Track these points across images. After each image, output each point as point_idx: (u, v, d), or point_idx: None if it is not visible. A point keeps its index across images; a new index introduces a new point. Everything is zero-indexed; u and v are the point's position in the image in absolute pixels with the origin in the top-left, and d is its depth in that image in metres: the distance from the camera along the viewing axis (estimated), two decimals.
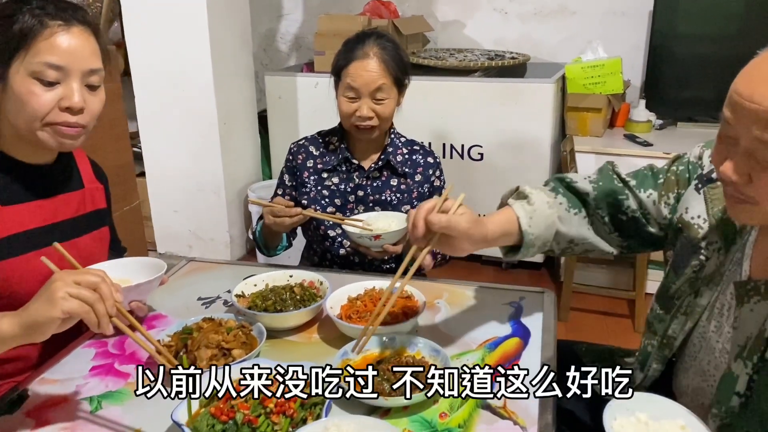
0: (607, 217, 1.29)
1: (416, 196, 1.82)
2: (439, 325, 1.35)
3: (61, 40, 1.18)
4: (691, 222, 1.17)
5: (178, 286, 1.55)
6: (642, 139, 3.08)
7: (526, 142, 3.11)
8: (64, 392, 1.14)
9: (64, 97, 1.19)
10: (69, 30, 1.19)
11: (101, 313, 0.99)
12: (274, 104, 3.53)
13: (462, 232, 1.13)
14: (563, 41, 3.60)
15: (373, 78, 1.67)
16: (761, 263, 1.06)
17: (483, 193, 3.25)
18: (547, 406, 1.07)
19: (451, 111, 3.20)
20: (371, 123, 1.70)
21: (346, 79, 1.70)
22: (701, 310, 1.15)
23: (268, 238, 1.80)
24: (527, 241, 1.22)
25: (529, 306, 1.41)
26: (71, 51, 1.19)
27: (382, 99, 1.69)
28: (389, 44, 1.73)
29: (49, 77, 1.18)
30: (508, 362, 1.21)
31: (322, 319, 1.37)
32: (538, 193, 1.27)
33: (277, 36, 4.25)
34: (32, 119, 1.20)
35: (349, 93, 1.70)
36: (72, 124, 1.22)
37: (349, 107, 1.70)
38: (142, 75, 3.29)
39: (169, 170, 3.44)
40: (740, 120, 0.90)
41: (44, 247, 1.31)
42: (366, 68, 1.67)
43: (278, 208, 1.61)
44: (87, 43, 1.22)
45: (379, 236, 1.55)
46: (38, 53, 1.17)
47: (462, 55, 3.56)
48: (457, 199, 1.17)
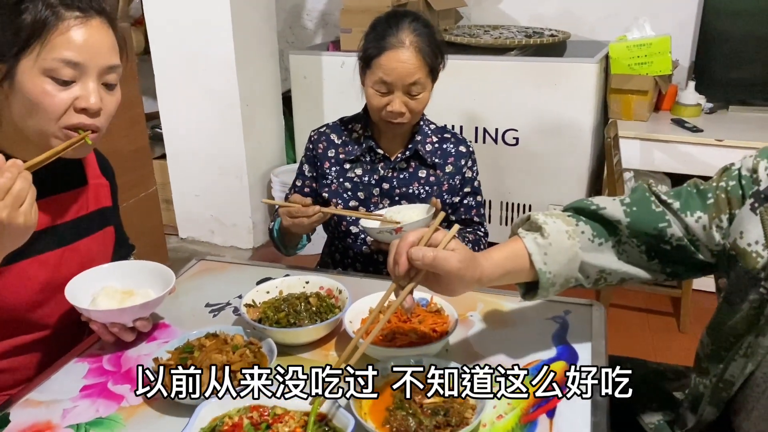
0: (643, 246, 1.07)
1: (446, 188, 1.66)
2: (473, 344, 1.19)
3: (78, 33, 1.05)
4: (747, 249, 0.96)
5: (186, 290, 1.41)
6: (691, 124, 2.86)
7: (565, 127, 2.91)
8: (48, 418, 1.02)
9: (80, 97, 1.07)
10: (87, 22, 1.07)
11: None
12: (299, 84, 3.38)
13: (450, 271, 0.93)
14: (607, 17, 3.37)
15: (409, 71, 1.50)
16: None
17: (518, 180, 3.09)
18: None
19: (485, 92, 3.01)
20: (403, 119, 1.54)
21: (377, 72, 1.52)
22: (765, 352, 0.97)
23: (286, 238, 1.65)
24: (544, 281, 1.02)
25: (576, 321, 1.25)
26: (89, 46, 1.06)
27: (417, 93, 1.52)
28: (425, 29, 1.54)
29: (64, 75, 1.05)
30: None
31: (341, 333, 1.22)
32: (554, 222, 1.06)
33: (303, 12, 4.08)
34: (46, 122, 1.08)
35: (381, 88, 1.53)
36: (88, 126, 1.09)
37: (380, 101, 1.54)
38: (162, 54, 3.18)
39: (190, 153, 3.34)
40: None
41: (39, 254, 1.19)
42: (400, 59, 1.49)
43: (295, 209, 1.45)
44: (106, 36, 1.10)
45: (400, 229, 1.40)
46: (53, 49, 1.04)
47: (497, 32, 3.36)
48: (450, 232, 0.98)
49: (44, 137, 1.10)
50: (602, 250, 1.07)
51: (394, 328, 1.16)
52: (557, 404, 1.02)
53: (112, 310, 1.15)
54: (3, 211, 0.93)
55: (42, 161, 1.03)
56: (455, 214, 1.70)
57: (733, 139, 2.69)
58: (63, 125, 1.08)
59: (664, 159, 2.81)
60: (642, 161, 2.85)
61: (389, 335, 1.14)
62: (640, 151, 2.83)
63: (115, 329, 1.17)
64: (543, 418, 0.99)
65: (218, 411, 0.96)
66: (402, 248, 0.95)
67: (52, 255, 1.21)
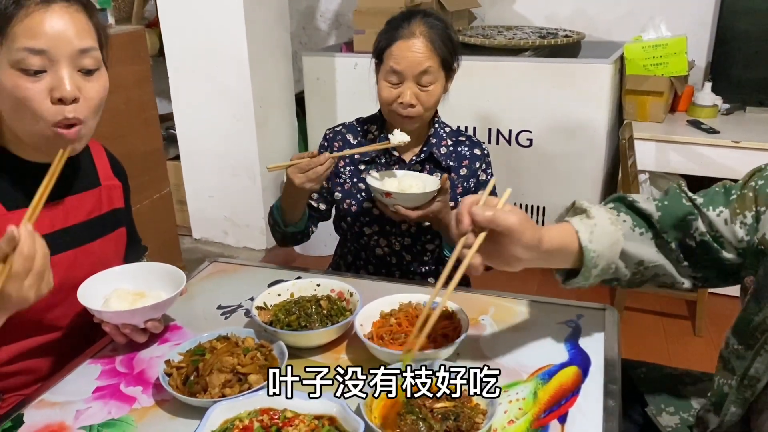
0: (674, 242, 1.08)
1: (461, 191, 1.65)
2: (483, 348, 1.18)
3: (39, 20, 1.02)
4: None
5: (198, 292, 1.42)
6: (707, 125, 2.83)
7: (579, 128, 2.89)
8: (61, 419, 1.02)
9: (53, 87, 1.03)
10: (49, 7, 1.03)
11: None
12: (312, 85, 3.39)
13: (511, 227, 0.95)
14: (621, 17, 3.34)
15: (419, 59, 1.49)
16: None
17: (532, 182, 3.07)
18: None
19: (499, 93, 3.00)
20: (413, 112, 1.53)
21: (388, 62, 1.52)
22: None
23: (288, 210, 1.60)
24: (588, 259, 1.02)
25: (588, 325, 1.23)
26: (53, 32, 1.02)
27: (428, 84, 1.51)
28: (438, 23, 1.54)
29: (32, 65, 1.02)
30: (566, 398, 1.04)
31: (351, 336, 1.21)
32: (598, 209, 1.07)
33: (316, 14, 4.09)
34: (31, 120, 1.05)
35: (392, 77, 1.52)
36: (71, 121, 1.06)
37: (390, 93, 1.53)
38: (177, 55, 3.20)
39: (203, 154, 3.36)
40: None
41: (54, 255, 1.18)
42: (411, 48, 1.49)
43: (305, 162, 1.43)
44: (72, 20, 1.05)
45: (390, 194, 1.41)
46: (16, 38, 1.01)
47: (511, 32, 3.35)
48: (503, 195, 1.01)
49: (35, 137, 1.08)
50: (642, 240, 1.08)
51: (405, 330, 1.15)
52: (569, 409, 1.01)
53: (123, 311, 1.15)
54: (30, 291, 0.91)
55: (40, 199, 0.98)
56: None
57: (750, 140, 2.65)
58: (50, 123, 1.05)
59: (679, 161, 2.79)
60: (657, 163, 2.82)
61: (400, 338, 1.13)
62: (656, 153, 2.80)
63: (127, 330, 1.17)
64: (554, 424, 0.98)
65: (229, 413, 0.97)
66: (464, 208, 0.97)
67: (65, 256, 1.22)
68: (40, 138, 1.08)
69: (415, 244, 1.67)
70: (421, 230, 1.65)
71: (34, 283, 0.92)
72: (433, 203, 1.44)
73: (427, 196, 1.43)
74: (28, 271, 0.91)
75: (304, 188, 1.46)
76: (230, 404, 0.98)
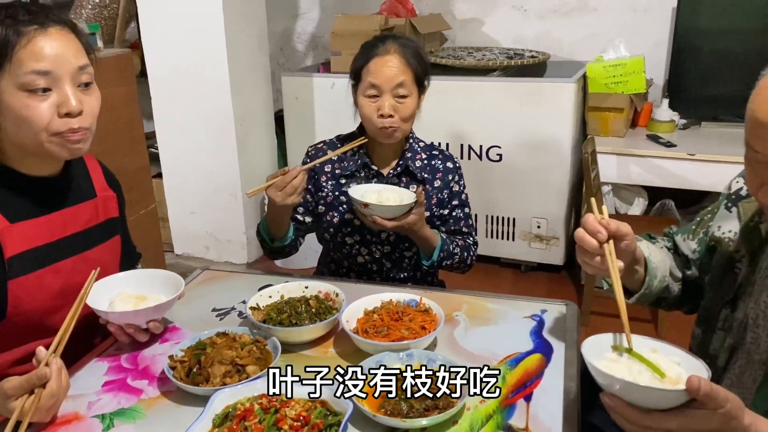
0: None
1: (435, 202, 1.78)
2: (458, 339, 1.31)
3: (41, 44, 1.13)
4: (722, 237, 1.18)
5: (193, 297, 1.52)
6: (665, 139, 3.01)
7: (546, 143, 3.06)
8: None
9: (60, 103, 1.15)
10: (46, 32, 1.14)
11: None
12: (291, 105, 3.51)
13: (629, 233, 1.10)
14: (584, 39, 3.54)
15: (395, 73, 1.63)
16: None
17: (502, 195, 3.22)
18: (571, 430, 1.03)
19: (470, 111, 3.15)
20: (392, 122, 1.66)
21: (367, 78, 1.65)
22: (738, 324, 1.11)
23: (273, 228, 1.70)
24: (651, 268, 1.19)
25: (552, 319, 1.37)
26: (55, 53, 1.14)
27: (404, 96, 1.65)
28: (410, 42, 1.70)
29: (39, 86, 1.13)
30: (530, 380, 1.17)
31: (338, 332, 1.33)
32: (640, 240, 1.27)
33: (293, 36, 4.23)
34: (37, 132, 1.16)
35: (371, 91, 1.65)
36: (77, 130, 1.18)
37: (371, 108, 1.66)
38: (159, 76, 3.30)
39: (185, 171, 3.44)
40: None
41: (53, 263, 1.29)
42: (387, 64, 1.64)
43: (279, 180, 1.54)
44: (68, 41, 1.17)
45: (368, 205, 1.53)
46: (21, 64, 1.12)
47: (480, 53, 3.51)
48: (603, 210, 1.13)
49: (39, 146, 1.19)
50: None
51: (388, 324, 1.27)
52: (533, 390, 1.14)
53: (128, 312, 1.26)
54: (47, 415, 1.07)
55: (63, 336, 1.12)
56: (445, 225, 1.81)
57: (704, 153, 2.82)
58: (52, 132, 1.16)
59: (640, 173, 2.95)
60: (619, 175, 2.99)
61: (383, 330, 1.25)
62: (617, 166, 2.96)
63: (131, 330, 1.27)
64: (521, 403, 1.11)
65: (230, 400, 1.08)
66: (596, 224, 1.08)
67: (65, 263, 1.31)
68: (51, 146, 1.18)
69: (394, 251, 1.78)
70: (400, 239, 1.76)
71: (52, 407, 1.07)
72: (409, 215, 1.57)
73: (403, 208, 1.55)
74: (53, 403, 1.06)
75: (285, 204, 1.56)
76: (231, 392, 1.09)
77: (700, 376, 0.86)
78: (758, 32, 3.03)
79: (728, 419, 0.87)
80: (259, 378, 1.12)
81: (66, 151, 1.20)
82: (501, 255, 3.36)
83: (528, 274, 3.38)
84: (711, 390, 0.85)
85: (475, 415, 1.07)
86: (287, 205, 1.56)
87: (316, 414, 1.02)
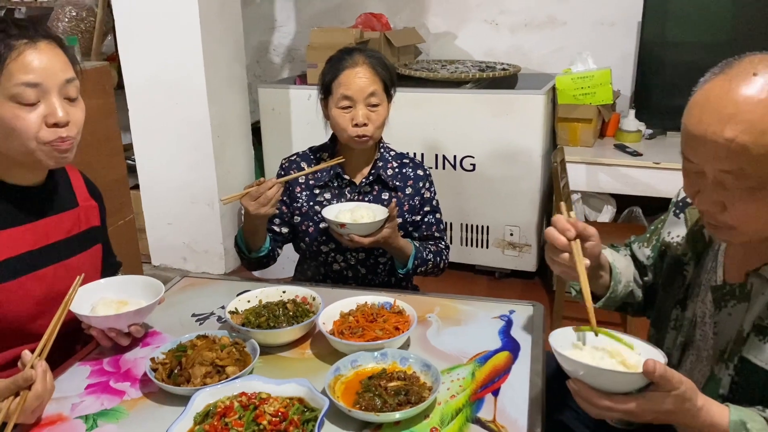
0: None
1: (407, 208, 1.84)
2: (430, 339, 1.37)
3: (31, 57, 1.18)
4: (671, 242, 1.27)
5: (173, 303, 1.56)
6: (632, 148, 3.11)
7: (517, 153, 3.14)
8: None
9: (48, 114, 1.20)
10: (36, 46, 1.20)
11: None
12: (268, 116, 3.56)
13: (594, 234, 1.16)
14: (553, 52, 3.64)
15: (366, 83, 1.70)
16: (732, 268, 1.13)
17: (476, 203, 3.29)
18: (535, 420, 1.09)
19: (443, 122, 3.23)
20: (366, 131, 1.71)
21: (338, 90, 1.71)
22: (688, 323, 1.18)
23: (249, 238, 1.75)
24: (615, 273, 1.26)
25: (519, 319, 1.43)
26: (43, 66, 1.19)
27: (376, 105, 1.71)
28: (376, 53, 1.77)
29: (28, 97, 1.18)
30: (498, 376, 1.23)
31: (315, 334, 1.38)
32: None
33: (270, 48, 4.28)
34: (26, 141, 1.20)
35: (344, 102, 1.71)
36: (65, 139, 1.23)
37: (345, 119, 1.71)
38: (136, 88, 3.32)
39: (163, 183, 3.46)
40: (701, 157, 0.96)
41: (36, 270, 1.32)
42: (357, 75, 1.70)
43: (253, 190, 1.58)
44: (56, 55, 1.23)
45: (344, 225, 1.58)
46: (12, 76, 1.17)
47: (453, 66, 3.59)
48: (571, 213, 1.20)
49: (27, 155, 1.23)
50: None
51: (363, 325, 1.32)
52: (501, 385, 1.20)
53: (110, 316, 1.29)
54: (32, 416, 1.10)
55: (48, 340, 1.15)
56: (417, 231, 1.87)
57: (669, 162, 2.92)
58: (42, 141, 1.21)
59: (608, 181, 3.05)
60: (588, 183, 3.08)
61: (358, 331, 1.31)
62: (586, 174, 3.05)
63: (113, 334, 1.31)
64: (489, 397, 1.17)
65: (211, 399, 1.12)
66: (565, 222, 1.14)
67: (48, 270, 1.35)
68: (39, 153, 1.23)
69: (369, 258, 1.84)
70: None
71: (37, 409, 1.11)
72: (383, 230, 1.63)
73: (378, 224, 1.61)
74: (38, 405, 1.09)
75: (259, 214, 1.59)
76: (211, 391, 1.13)
77: (656, 360, 0.93)
78: (721, 45, 3.15)
79: (682, 401, 0.94)
80: (239, 378, 1.17)
81: (53, 160, 1.24)
82: (476, 262, 3.43)
83: (502, 281, 3.45)
84: (666, 372, 0.92)
85: (446, 409, 1.13)
86: (261, 215, 1.60)
87: (293, 410, 1.07)
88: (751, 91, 0.91)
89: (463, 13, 3.77)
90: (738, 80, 0.93)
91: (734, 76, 0.94)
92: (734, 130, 0.91)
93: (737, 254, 1.12)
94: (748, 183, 0.93)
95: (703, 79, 1.00)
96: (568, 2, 3.57)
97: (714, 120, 0.93)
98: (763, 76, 0.92)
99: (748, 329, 1.06)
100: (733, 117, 0.91)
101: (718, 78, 0.96)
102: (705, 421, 0.97)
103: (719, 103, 0.93)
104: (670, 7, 3.24)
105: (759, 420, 0.97)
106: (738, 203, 0.96)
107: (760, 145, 0.90)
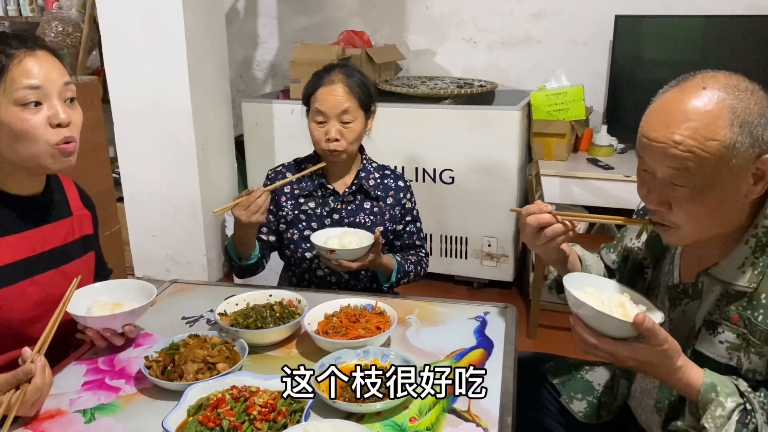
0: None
1: (388, 218, 1.93)
2: (409, 338, 1.45)
3: (31, 64, 1.27)
4: (633, 247, 1.37)
5: (163, 306, 1.63)
6: (604, 162, 3.23)
7: (494, 166, 3.24)
8: (57, 406, 1.22)
9: (50, 115, 1.28)
10: (34, 54, 1.28)
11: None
12: (251, 130, 3.63)
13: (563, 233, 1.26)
14: (528, 69, 3.76)
15: (339, 101, 1.79)
16: (686, 269, 1.23)
17: (455, 215, 3.38)
18: (507, 409, 1.18)
19: (423, 136, 3.32)
20: (338, 146, 1.81)
21: (314, 105, 1.82)
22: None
23: (240, 247, 1.82)
24: (585, 265, 1.38)
25: (494, 320, 1.52)
26: (43, 70, 1.28)
27: (349, 122, 1.81)
28: (355, 72, 1.86)
29: (31, 100, 1.26)
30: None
31: (301, 334, 1.46)
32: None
33: (253, 63, 4.36)
34: (34, 143, 1.27)
35: (318, 117, 1.81)
36: (69, 139, 1.31)
37: (319, 132, 1.82)
38: (121, 102, 3.36)
39: (147, 195, 3.50)
40: (652, 158, 1.07)
41: (33, 275, 1.39)
42: (332, 93, 1.80)
43: (243, 200, 1.66)
44: (53, 62, 1.31)
45: (333, 251, 1.66)
46: (14, 80, 1.25)
47: (432, 82, 3.69)
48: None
49: (36, 159, 1.30)
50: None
51: (346, 325, 1.40)
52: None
53: (105, 316, 1.36)
54: (31, 409, 1.16)
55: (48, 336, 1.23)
56: (399, 240, 1.96)
57: None
58: (51, 143, 1.29)
59: (581, 194, 3.16)
60: (562, 196, 3.19)
61: (342, 331, 1.38)
62: (560, 187, 3.17)
63: (108, 334, 1.37)
64: None
65: (203, 393, 1.18)
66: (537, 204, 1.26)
67: (44, 276, 1.41)
68: (45, 157, 1.30)
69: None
70: None
71: (37, 402, 1.17)
72: (369, 255, 1.71)
73: (365, 249, 1.69)
74: (38, 398, 1.16)
75: (250, 222, 1.67)
76: (203, 386, 1.20)
77: (646, 314, 1.04)
78: (689, 64, 3.21)
79: (664, 357, 1.05)
80: (229, 374, 1.24)
81: (57, 163, 1.31)
82: (455, 273, 3.52)
83: (480, 291, 3.54)
84: (653, 327, 1.03)
85: (424, 401, 1.20)
86: (252, 223, 1.68)
87: (281, 402, 1.14)
88: (699, 103, 1.03)
89: (442, 31, 3.89)
90: (689, 92, 1.05)
91: (686, 88, 1.06)
92: (682, 134, 1.03)
93: (691, 256, 1.23)
94: (693, 182, 1.04)
95: (662, 90, 1.12)
96: (543, 22, 3.69)
97: (666, 125, 1.04)
98: (711, 90, 1.04)
99: (699, 324, 1.16)
100: (682, 123, 1.03)
101: (674, 90, 1.09)
102: (681, 379, 1.08)
103: (672, 111, 1.05)
104: (640, 27, 3.38)
105: (730, 386, 1.07)
106: (683, 203, 1.07)
107: (704, 149, 1.02)
